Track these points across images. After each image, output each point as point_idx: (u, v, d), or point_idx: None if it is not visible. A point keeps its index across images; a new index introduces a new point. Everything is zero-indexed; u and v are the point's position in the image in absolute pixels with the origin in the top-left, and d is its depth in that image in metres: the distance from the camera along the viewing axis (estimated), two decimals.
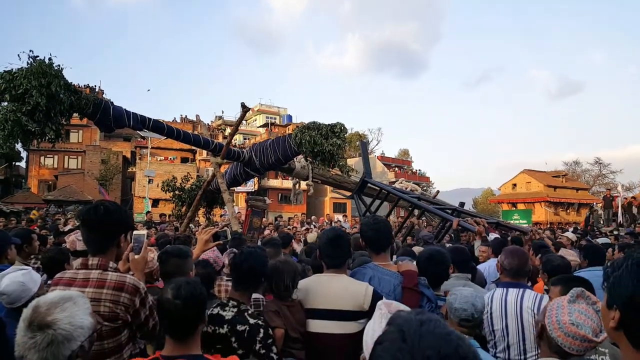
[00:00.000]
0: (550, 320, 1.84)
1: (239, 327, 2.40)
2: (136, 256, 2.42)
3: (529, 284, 3.73)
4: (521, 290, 2.99)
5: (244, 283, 2.61)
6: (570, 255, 4.80)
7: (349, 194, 12.14)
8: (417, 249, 4.75)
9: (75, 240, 4.20)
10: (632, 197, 19.17)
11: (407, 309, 1.70)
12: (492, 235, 6.35)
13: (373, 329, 1.71)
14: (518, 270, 3.10)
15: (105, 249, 2.24)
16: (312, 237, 8.13)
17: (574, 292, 1.87)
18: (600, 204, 19.37)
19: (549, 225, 27.61)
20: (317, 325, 2.61)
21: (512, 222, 12.23)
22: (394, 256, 3.99)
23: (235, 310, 2.48)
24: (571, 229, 18.23)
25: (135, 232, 2.51)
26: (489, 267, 5.25)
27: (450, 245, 5.03)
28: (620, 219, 17.39)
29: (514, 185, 51.72)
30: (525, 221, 31.89)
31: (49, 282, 3.38)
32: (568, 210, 46.22)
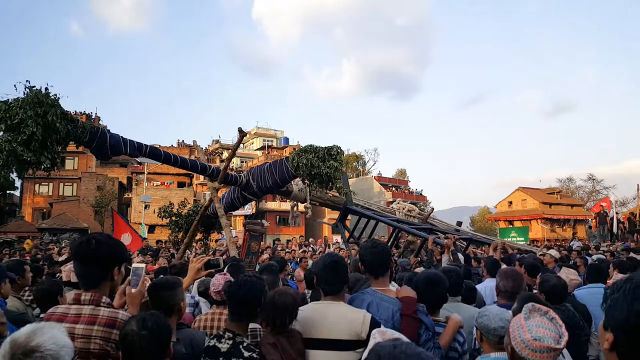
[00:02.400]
0: (516, 341, 1.91)
1: None
2: (133, 290, 2.36)
3: None
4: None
5: (240, 314, 2.56)
6: (571, 274, 4.76)
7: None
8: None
9: (71, 270, 4.14)
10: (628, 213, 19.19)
11: (402, 336, 1.67)
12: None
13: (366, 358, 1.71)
14: (514, 292, 3.12)
15: (98, 283, 2.20)
16: None
17: (526, 308, 1.96)
18: (594, 220, 19.41)
19: (545, 243, 27.61)
20: (315, 356, 2.54)
21: (484, 236, 12.29)
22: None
23: (230, 342, 2.43)
24: (577, 243, 18.23)
25: (133, 264, 2.46)
26: (485, 287, 5.21)
27: (446, 266, 5.00)
28: (609, 230, 17.45)
29: (510, 202, 51.92)
30: (522, 238, 31.79)
31: (42, 315, 3.31)
32: (564, 227, 46.29)
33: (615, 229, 17.51)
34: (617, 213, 19.05)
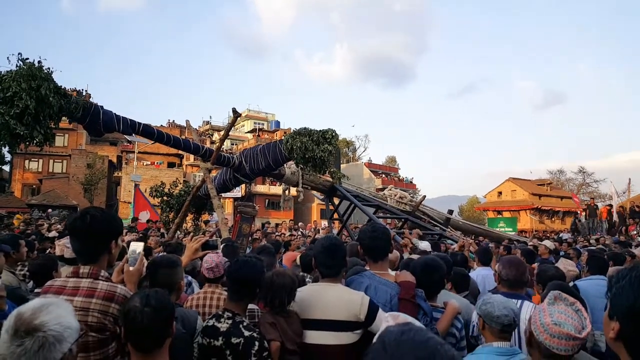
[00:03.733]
0: (535, 325, 1.89)
1: (234, 340, 2.36)
2: (131, 268, 2.36)
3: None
4: (519, 301, 2.96)
5: (239, 293, 2.56)
6: (569, 265, 4.81)
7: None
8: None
9: (65, 246, 4.12)
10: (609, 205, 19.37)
11: (415, 321, 1.68)
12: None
13: None
14: (516, 281, 3.08)
15: (96, 257, 2.19)
16: None
17: (551, 295, 1.94)
18: (585, 212, 19.59)
19: (534, 233, 27.91)
20: (312, 336, 2.57)
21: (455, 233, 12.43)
22: None
23: (230, 322, 2.44)
24: (566, 235, 18.43)
25: (132, 243, 2.47)
26: (477, 276, 5.27)
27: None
28: (605, 225, 17.63)
29: (500, 193, 52.15)
30: (510, 229, 32.11)
31: (37, 290, 3.30)
32: (553, 219, 46.70)
33: (616, 219, 17.60)
34: (610, 206, 19.22)
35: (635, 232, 15.96)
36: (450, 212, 14.72)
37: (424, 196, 15.30)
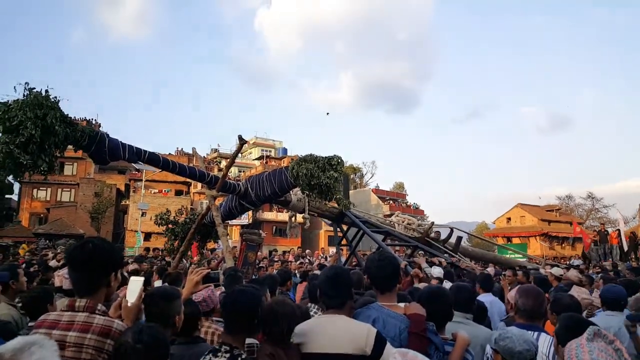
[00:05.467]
0: None
1: None
2: (129, 303, 2.25)
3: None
4: (536, 333, 2.81)
5: (236, 325, 2.44)
6: (583, 293, 4.64)
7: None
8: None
9: (64, 276, 4.02)
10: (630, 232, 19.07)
11: (424, 358, 1.57)
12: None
13: None
14: (533, 312, 2.95)
15: (94, 289, 2.11)
16: None
17: (590, 330, 1.82)
18: (596, 238, 19.23)
19: (544, 259, 27.44)
20: None
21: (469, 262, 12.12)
22: None
23: (227, 355, 2.31)
24: (576, 261, 18.05)
25: (132, 277, 2.38)
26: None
27: (458, 283, 4.88)
28: (616, 251, 17.32)
29: (509, 219, 51.85)
30: (521, 255, 31.64)
31: (30, 324, 3.19)
32: (563, 245, 46.17)
33: (626, 247, 17.32)
34: (619, 231, 18.92)
35: None
36: (460, 238, 14.49)
37: (432, 222, 15.11)
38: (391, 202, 52.72)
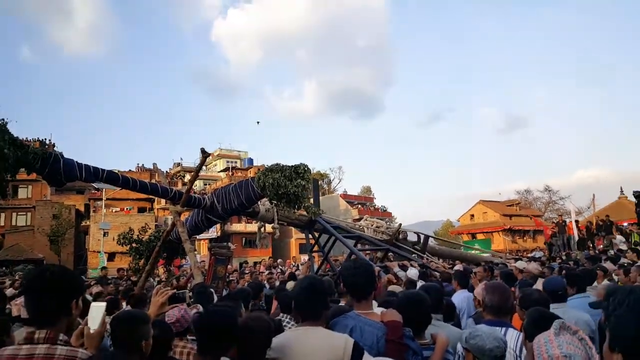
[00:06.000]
0: (542, 357, 1.77)
1: None
2: (92, 330, 2.14)
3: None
4: (504, 329, 2.85)
5: (210, 346, 2.36)
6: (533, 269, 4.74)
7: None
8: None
9: (22, 305, 3.81)
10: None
11: None
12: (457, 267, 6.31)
13: None
14: (500, 307, 2.98)
15: (55, 319, 1.98)
16: (290, 285, 7.44)
17: (556, 324, 1.84)
18: (555, 230, 19.92)
19: (507, 253, 28.17)
20: None
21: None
22: None
23: None
24: (538, 253, 18.60)
25: (93, 303, 2.26)
26: (460, 299, 5.18)
27: (426, 283, 4.92)
28: (574, 241, 18.00)
29: (472, 215, 53.03)
30: (487, 250, 32.40)
31: None
32: (525, 238, 47.51)
33: (576, 237, 18.03)
34: (576, 221, 19.66)
35: (602, 247, 16.28)
36: (427, 237, 14.70)
37: (400, 224, 15.27)
38: (360, 206, 53.11)
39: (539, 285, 4.51)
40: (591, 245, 17.16)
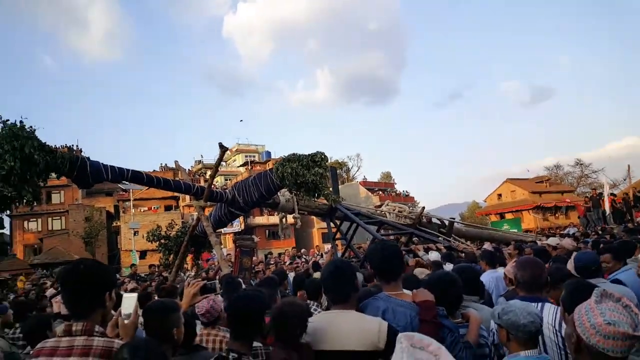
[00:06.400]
0: (583, 327, 1.68)
1: None
2: (126, 321, 2.21)
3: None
4: (539, 304, 2.74)
5: (242, 331, 2.41)
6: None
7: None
8: None
9: (61, 302, 4.01)
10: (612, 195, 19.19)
11: (431, 340, 1.59)
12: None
13: None
14: (533, 283, 2.87)
15: (90, 311, 2.07)
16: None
17: (597, 292, 1.75)
18: (589, 204, 19.31)
19: (538, 230, 27.56)
20: None
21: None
22: None
23: None
24: (572, 230, 18.09)
25: (125, 294, 2.33)
26: (489, 279, 5.11)
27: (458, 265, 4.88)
28: (610, 217, 17.45)
29: (499, 195, 52.17)
30: (515, 230, 31.88)
31: (31, 352, 3.19)
32: (557, 215, 46.48)
33: (608, 211, 17.46)
34: (612, 195, 19.00)
35: None
36: (453, 219, 14.59)
37: (424, 207, 15.18)
38: (380, 192, 52.77)
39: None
40: (629, 218, 16.65)
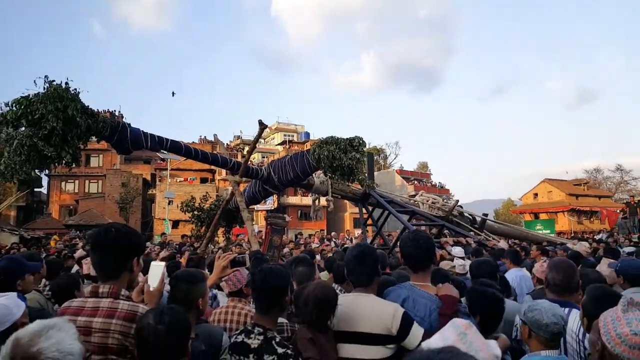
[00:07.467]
0: (609, 335, 1.65)
1: (267, 358, 2.20)
2: (152, 288, 2.24)
3: None
4: (567, 309, 2.67)
5: (267, 305, 2.41)
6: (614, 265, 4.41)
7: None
8: None
9: (91, 265, 4.06)
10: None
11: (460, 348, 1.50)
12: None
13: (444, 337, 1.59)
14: (564, 286, 2.81)
15: (117, 274, 2.10)
16: None
17: (624, 300, 1.71)
18: (626, 211, 18.75)
19: (572, 234, 26.78)
20: (344, 349, 2.40)
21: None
22: None
23: (261, 337, 2.28)
24: (604, 235, 17.59)
25: (153, 262, 2.36)
26: (513, 277, 5.00)
27: (479, 259, 4.78)
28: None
29: (535, 195, 51.00)
30: (548, 231, 31.05)
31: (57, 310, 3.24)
32: (592, 219, 45.14)
33: None
34: None
35: None
36: (486, 215, 14.24)
37: (457, 200, 14.85)
38: (415, 182, 52.21)
39: (603, 266, 4.17)
40: None
